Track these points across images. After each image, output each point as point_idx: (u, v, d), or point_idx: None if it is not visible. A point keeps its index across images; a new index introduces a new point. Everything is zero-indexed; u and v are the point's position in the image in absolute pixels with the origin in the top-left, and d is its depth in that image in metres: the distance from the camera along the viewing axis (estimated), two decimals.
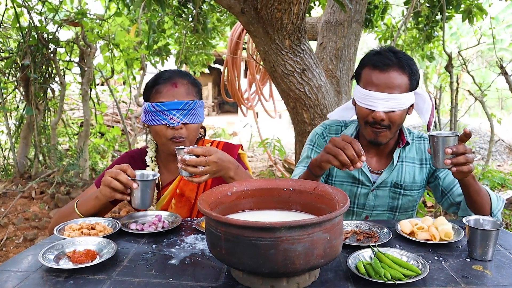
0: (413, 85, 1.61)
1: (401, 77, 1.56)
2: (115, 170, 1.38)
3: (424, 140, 1.79)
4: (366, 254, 1.15)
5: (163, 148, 1.67)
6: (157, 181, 1.67)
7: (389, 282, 1.00)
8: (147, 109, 1.59)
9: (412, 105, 1.67)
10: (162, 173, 1.75)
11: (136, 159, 1.76)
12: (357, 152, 1.38)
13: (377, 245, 1.19)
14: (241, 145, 1.80)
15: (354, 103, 1.70)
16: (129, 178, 1.37)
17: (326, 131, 1.84)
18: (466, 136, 1.33)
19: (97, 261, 1.12)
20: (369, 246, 1.19)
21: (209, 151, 1.39)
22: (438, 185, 1.76)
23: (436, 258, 1.19)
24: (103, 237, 1.29)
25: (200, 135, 1.83)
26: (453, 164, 1.35)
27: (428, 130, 1.74)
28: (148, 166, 1.72)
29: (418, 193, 1.77)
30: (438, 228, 1.31)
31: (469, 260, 1.18)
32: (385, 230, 1.35)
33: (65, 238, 1.27)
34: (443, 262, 1.16)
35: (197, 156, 1.38)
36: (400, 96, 1.55)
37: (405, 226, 1.36)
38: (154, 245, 1.30)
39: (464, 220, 1.23)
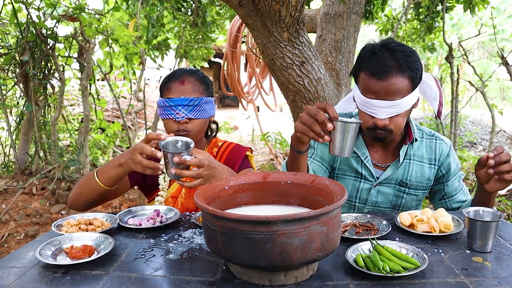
0: (415, 84, 1.49)
1: (401, 81, 1.44)
2: (140, 144, 1.40)
3: (436, 139, 1.71)
4: (365, 247, 1.15)
5: None
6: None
7: (388, 275, 1.00)
8: (159, 104, 1.70)
9: (417, 100, 1.57)
10: None
11: None
12: (325, 123, 1.24)
13: (376, 237, 1.19)
14: (250, 148, 1.88)
15: (355, 100, 1.62)
16: None
17: None
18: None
19: (94, 256, 1.12)
20: (368, 239, 1.18)
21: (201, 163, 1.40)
22: (441, 190, 1.72)
23: (435, 250, 1.18)
24: (100, 232, 1.29)
25: (212, 131, 1.92)
26: (496, 172, 1.35)
27: (439, 118, 1.65)
28: None
29: (423, 193, 1.72)
30: (438, 220, 1.30)
31: (469, 251, 1.17)
32: (384, 222, 1.35)
33: (62, 234, 1.26)
34: (442, 254, 1.15)
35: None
36: (401, 101, 1.45)
37: (404, 218, 1.35)
38: (152, 240, 1.29)
39: (463, 211, 1.22)
